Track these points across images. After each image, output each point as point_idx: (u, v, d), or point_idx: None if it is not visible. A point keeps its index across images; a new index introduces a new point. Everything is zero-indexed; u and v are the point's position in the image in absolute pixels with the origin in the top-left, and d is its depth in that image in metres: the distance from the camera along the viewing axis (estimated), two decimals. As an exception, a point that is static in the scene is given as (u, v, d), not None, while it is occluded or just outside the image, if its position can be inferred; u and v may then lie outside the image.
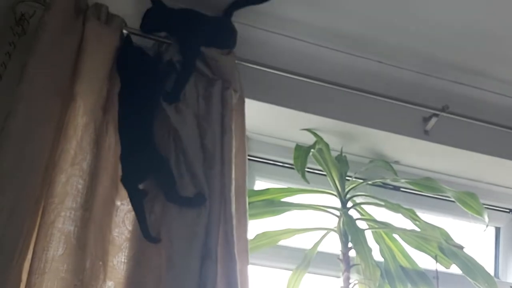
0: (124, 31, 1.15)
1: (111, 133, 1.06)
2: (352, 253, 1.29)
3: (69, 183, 0.97)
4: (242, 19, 1.35)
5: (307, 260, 1.29)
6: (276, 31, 1.40)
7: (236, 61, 1.23)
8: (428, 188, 1.43)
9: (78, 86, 1.02)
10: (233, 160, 1.11)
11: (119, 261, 1.01)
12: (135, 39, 1.16)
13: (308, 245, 1.33)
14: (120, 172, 1.03)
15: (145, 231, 1.00)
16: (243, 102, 1.22)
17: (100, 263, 0.98)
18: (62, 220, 0.95)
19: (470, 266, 1.29)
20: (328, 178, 1.39)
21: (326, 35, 1.42)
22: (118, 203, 1.04)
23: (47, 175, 0.98)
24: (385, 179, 1.49)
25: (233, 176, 1.09)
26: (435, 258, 1.32)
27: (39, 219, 0.95)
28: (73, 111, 1.01)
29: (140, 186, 1.03)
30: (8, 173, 0.92)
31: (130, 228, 1.03)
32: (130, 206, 1.03)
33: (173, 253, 0.97)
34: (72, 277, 0.94)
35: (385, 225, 1.35)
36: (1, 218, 0.88)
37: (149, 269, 0.99)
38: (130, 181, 1.01)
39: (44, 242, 0.92)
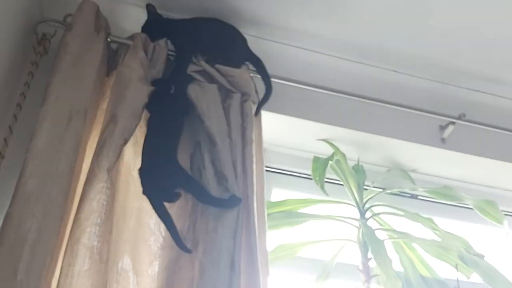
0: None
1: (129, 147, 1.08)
2: (372, 263, 1.28)
3: (96, 199, 0.98)
4: (256, 33, 1.37)
5: (326, 271, 1.29)
6: (291, 43, 1.41)
7: (252, 74, 1.25)
8: (447, 197, 1.43)
9: (120, 109, 1.04)
10: (255, 172, 1.11)
11: (153, 270, 1.01)
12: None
13: (327, 256, 1.33)
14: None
15: (178, 241, 1.00)
16: (260, 114, 1.23)
17: (130, 273, 0.99)
18: (88, 236, 0.95)
19: (491, 275, 1.28)
20: (346, 188, 1.39)
21: (341, 45, 1.42)
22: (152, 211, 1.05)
23: (75, 192, 1.00)
24: (403, 188, 1.49)
25: (255, 188, 1.10)
26: (456, 267, 1.31)
27: (66, 236, 0.96)
28: (111, 132, 1.02)
29: (168, 196, 1.03)
30: (35, 193, 0.93)
31: (164, 234, 1.04)
32: None
33: (205, 262, 0.98)
34: None
35: (404, 235, 1.35)
36: (31, 237, 0.90)
37: (182, 278, 1.00)
38: (153, 194, 1.02)
39: (71, 258, 0.93)
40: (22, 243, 0.89)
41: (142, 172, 1.03)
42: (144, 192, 1.02)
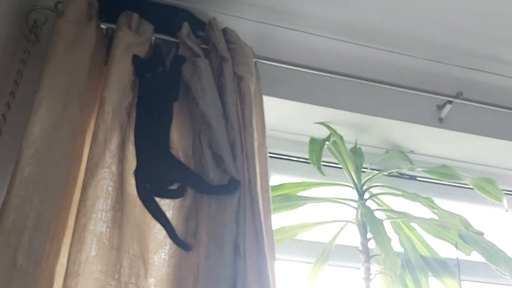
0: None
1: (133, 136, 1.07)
2: (371, 244, 1.29)
3: (99, 186, 0.97)
4: (253, 16, 1.36)
5: (326, 253, 1.29)
6: (287, 26, 1.40)
7: (255, 59, 1.23)
8: (445, 176, 1.43)
9: (106, 92, 1.04)
10: (256, 156, 1.09)
11: (160, 257, 1.00)
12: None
13: (326, 238, 1.33)
14: None
15: (175, 238, 0.99)
16: (262, 99, 1.22)
17: (140, 260, 0.98)
18: (94, 222, 0.95)
19: (491, 252, 1.27)
20: (344, 171, 1.39)
21: (336, 27, 1.42)
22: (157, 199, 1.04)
23: (77, 179, 1.00)
24: (401, 169, 1.49)
25: (257, 171, 1.07)
26: (456, 245, 1.31)
27: (72, 223, 0.96)
28: (102, 115, 1.01)
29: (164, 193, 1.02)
30: (33, 180, 0.93)
31: None
32: (168, 201, 1.03)
33: (210, 247, 0.97)
34: (106, 277, 0.94)
35: (403, 214, 1.35)
36: (29, 224, 0.90)
37: (189, 265, 0.99)
38: (146, 193, 1.00)
39: (78, 245, 0.93)
40: (21, 230, 0.90)
41: (137, 172, 1.00)
42: (137, 193, 1.00)
